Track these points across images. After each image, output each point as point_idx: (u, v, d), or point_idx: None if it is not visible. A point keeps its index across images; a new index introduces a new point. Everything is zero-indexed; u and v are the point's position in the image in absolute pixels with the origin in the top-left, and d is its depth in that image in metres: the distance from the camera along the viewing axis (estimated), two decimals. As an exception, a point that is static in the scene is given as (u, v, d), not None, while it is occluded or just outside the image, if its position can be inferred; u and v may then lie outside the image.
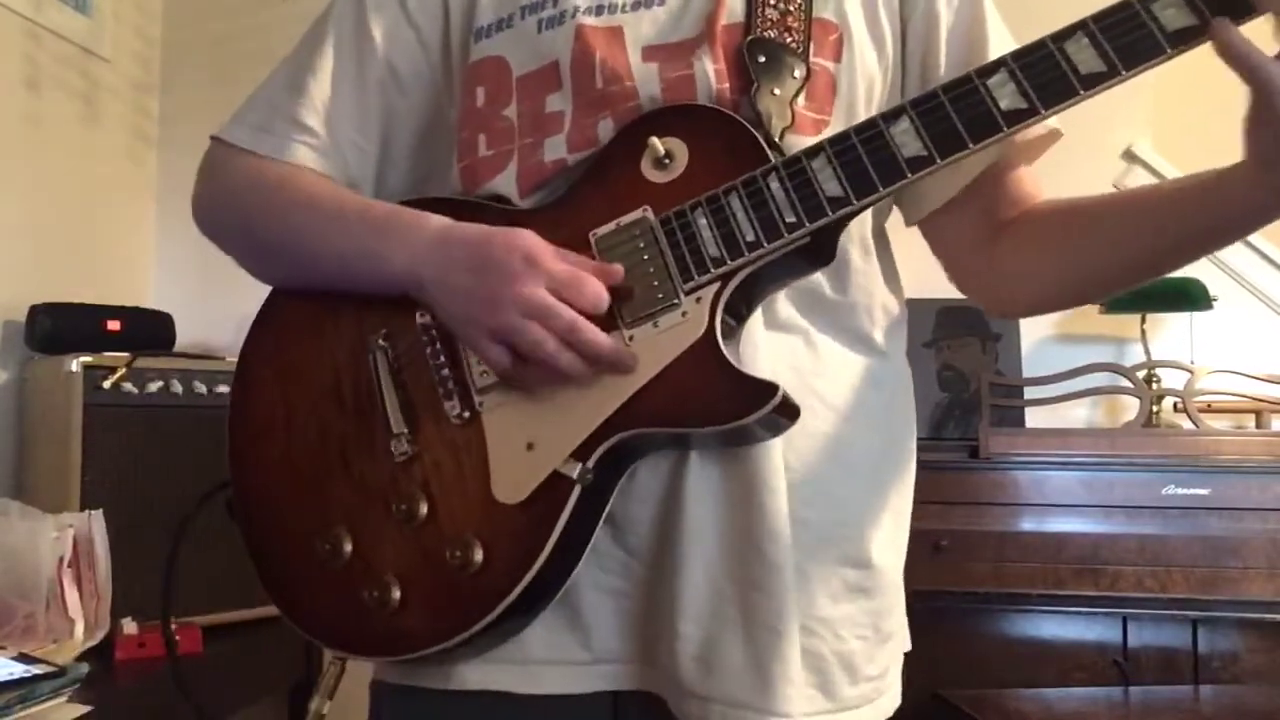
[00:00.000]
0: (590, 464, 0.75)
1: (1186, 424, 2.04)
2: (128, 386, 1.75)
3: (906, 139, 0.73)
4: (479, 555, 0.77)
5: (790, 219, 0.74)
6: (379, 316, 0.83)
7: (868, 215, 0.86)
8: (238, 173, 0.92)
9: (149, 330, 2.00)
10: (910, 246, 0.98)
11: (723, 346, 0.74)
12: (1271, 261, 2.32)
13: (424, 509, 0.80)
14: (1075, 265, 0.87)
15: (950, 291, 0.98)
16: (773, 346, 0.81)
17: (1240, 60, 0.68)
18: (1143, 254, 0.83)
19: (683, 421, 0.75)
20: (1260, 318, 2.31)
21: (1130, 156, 2.32)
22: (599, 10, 0.84)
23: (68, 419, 1.70)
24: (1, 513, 1.51)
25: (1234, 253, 2.31)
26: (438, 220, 0.82)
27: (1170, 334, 2.28)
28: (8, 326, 1.95)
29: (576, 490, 0.75)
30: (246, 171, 0.91)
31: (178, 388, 1.80)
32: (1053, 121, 0.84)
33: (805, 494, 0.81)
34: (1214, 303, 2.14)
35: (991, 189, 0.89)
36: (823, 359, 0.84)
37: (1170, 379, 2.09)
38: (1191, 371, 2.06)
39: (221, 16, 2.47)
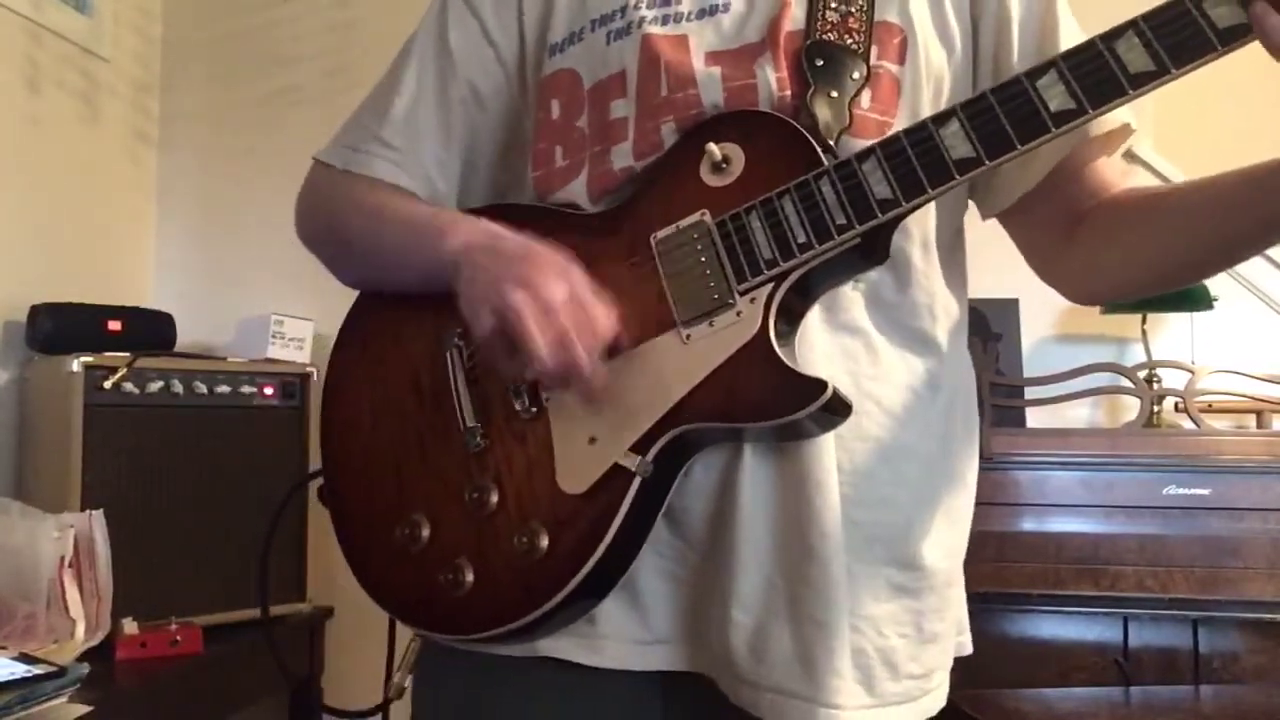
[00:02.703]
0: (650, 457, 0.79)
1: (1187, 424, 2.04)
2: (128, 386, 1.75)
3: (956, 141, 0.74)
4: (544, 542, 0.81)
5: (840, 220, 0.76)
6: (455, 318, 0.86)
7: (929, 215, 0.87)
8: (328, 188, 0.99)
9: (149, 330, 2.00)
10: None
11: (775, 345, 0.77)
12: (1272, 261, 2.31)
13: (494, 498, 0.84)
14: (1147, 255, 0.87)
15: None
16: (831, 349, 0.83)
17: None
18: (1207, 244, 0.84)
19: (736, 416, 0.78)
20: (1261, 318, 2.31)
21: (1130, 156, 2.31)
22: (665, 20, 0.88)
23: (68, 419, 1.71)
24: (2, 513, 1.52)
25: (1234, 252, 2.31)
26: (491, 225, 0.86)
27: (1171, 334, 2.28)
28: (8, 326, 1.95)
29: (636, 482, 0.79)
30: (334, 187, 0.98)
31: (178, 388, 1.81)
32: (1126, 115, 0.85)
33: (856, 495, 0.83)
34: (1215, 303, 2.14)
35: (1069, 181, 0.90)
36: (881, 363, 0.85)
37: (1171, 379, 2.09)
38: (1192, 371, 2.06)
39: (221, 16, 2.47)
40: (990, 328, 2.24)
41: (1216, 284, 2.17)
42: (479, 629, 0.83)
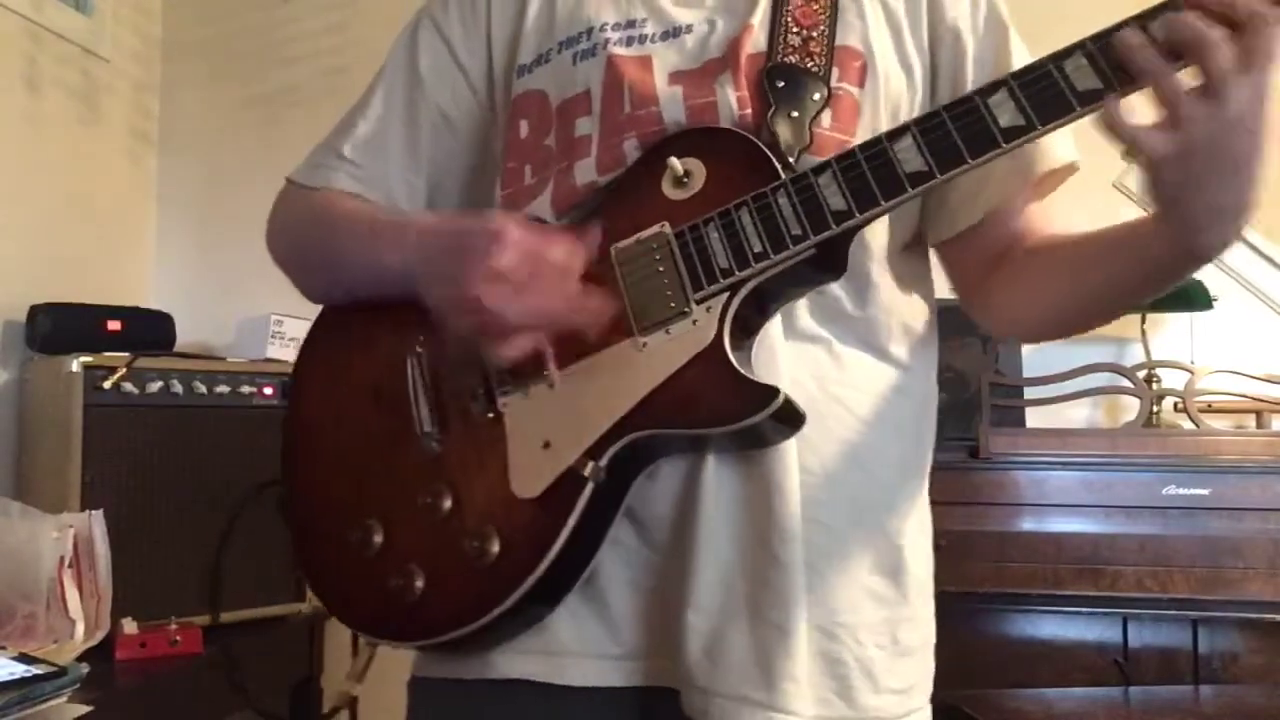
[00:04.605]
0: (603, 462, 0.79)
1: (1187, 424, 2.04)
2: (128, 386, 1.75)
3: (909, 155, 0.76)
4: (496, 547, 0.81)
5: (796, 231, 0.78)
6: (417, 325, 0.87)
7: (883, 229, 0.88)
8: (293, 205, 1.02)
9: (149, 330, 2.00)
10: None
11: (730, 353, 0.78)
12: (1272, 261, 2.31)
13: (448, 503, 0.85)
14: (1049, 300, 0.90)
15: (950, 291, 0.99)
16: (794, 356, 0.84)
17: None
18: (1096, 294, 0.87)
19: (689, 423, 0.79)
20: (1260, 318, 2.31)
21: (1131, 155, 2.31)
22: (629, 42, 0.90)
23: (68, 419, 1.70)
24: (1, 513, 1.51)
25: (1234, 252, 2.31)
26: (421, 217, 0.87)
27: (1170, 334, 2.28)
28: (8, 326, 1.95)
29: (589, 487, 0.79)
30: (297, 203, 1.01)
31: (178, 388, 1.81)
32: (1073, 153, 0.89)
33: (825, 498, 0.83)
34: (1214, 303, 2.13)
35: (999, 224, 0.92)
36: (847, 368, 0.86)
37: (1171, 379, 2.09)
38: (1192, 371, 2.06)
39: (221, 16, 2.47)
40: (990, 328, 2.23)
41: (1216, 284, 2.17)
42: (427, 635, 0.84)
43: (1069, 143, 0.90)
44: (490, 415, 0.85)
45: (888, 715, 0.85)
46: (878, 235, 0.88)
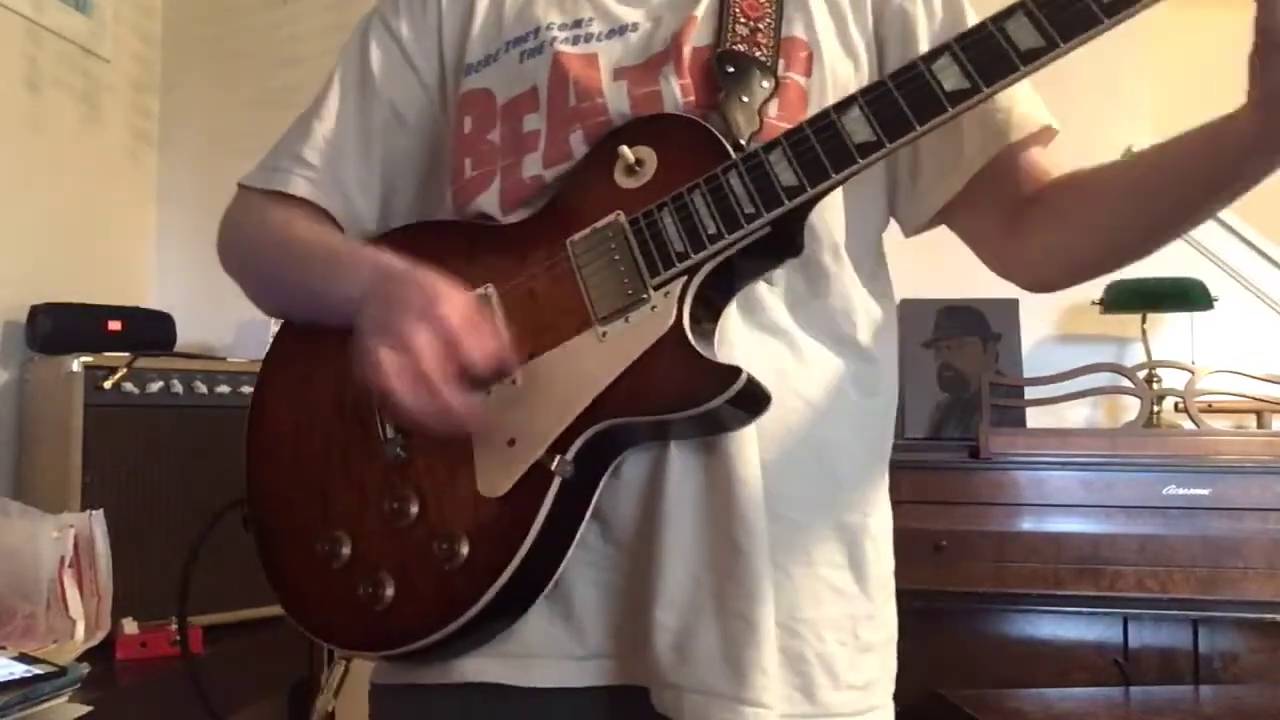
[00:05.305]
0: (569, 456, 0.78)
1: (1187, 424, 2.04)
2: (128, 386, 1.75)
3: (856, 126, 0.76)
4: (464, 549, 0.80)
5: (749, 210, 0.78)
6: None
7: (836, 221, 0.88)
8: (246, 212, 1.02)
9: (149, 330, 2.00)
10: (910, 248, 0.98)
11: (690, 337, 0.77)
12: (1272, 261, 2.32)
13: (415, 508, 0.83)
14: (1098, 230, 0.88)
15: (950, 291, 0.98)
16: (753, 347, 0.83)
17: None
18: (1159, 210, 0.84)
19: (653, 409, 0.78)
20: (1260, 318, 2.31)
21: (1130, 155, 2.32)
22: (576, 40, 0.90)
23: (68, 419, 1.70)
24: (1, 513, 1.51)
25: (1234, 252, 2.32)
26: (383, 263, 0.86)
27: (1171, 334, 2.28)
28: (8, 326, 1.95)
29: (556, 482, 0.78)
30: (250, 214, 1.01)
31: (178, 388, 1.81)
32: (1046, 116, 0.88)
33: (787, 492, 0.83)
34: (1214, 303, 2.14)
35: (1004, 175, 0.90)
36: (807, 361, 0.86)
37: (1171, 379, 2.09)
38: (1192, 371, 2.06)
39: (221, 16, 2.48)
40: (990, 328, 2.24)
41: (1217, 284, 2.17)
42: (399, 643, 0.82)
43: (1039, 106, 0.90)
44: None
45: (848, 711, 0.85)
46: (835, 226, 0.88)
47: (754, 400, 0.77)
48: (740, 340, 0.83)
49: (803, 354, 0.86)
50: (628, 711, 0.83)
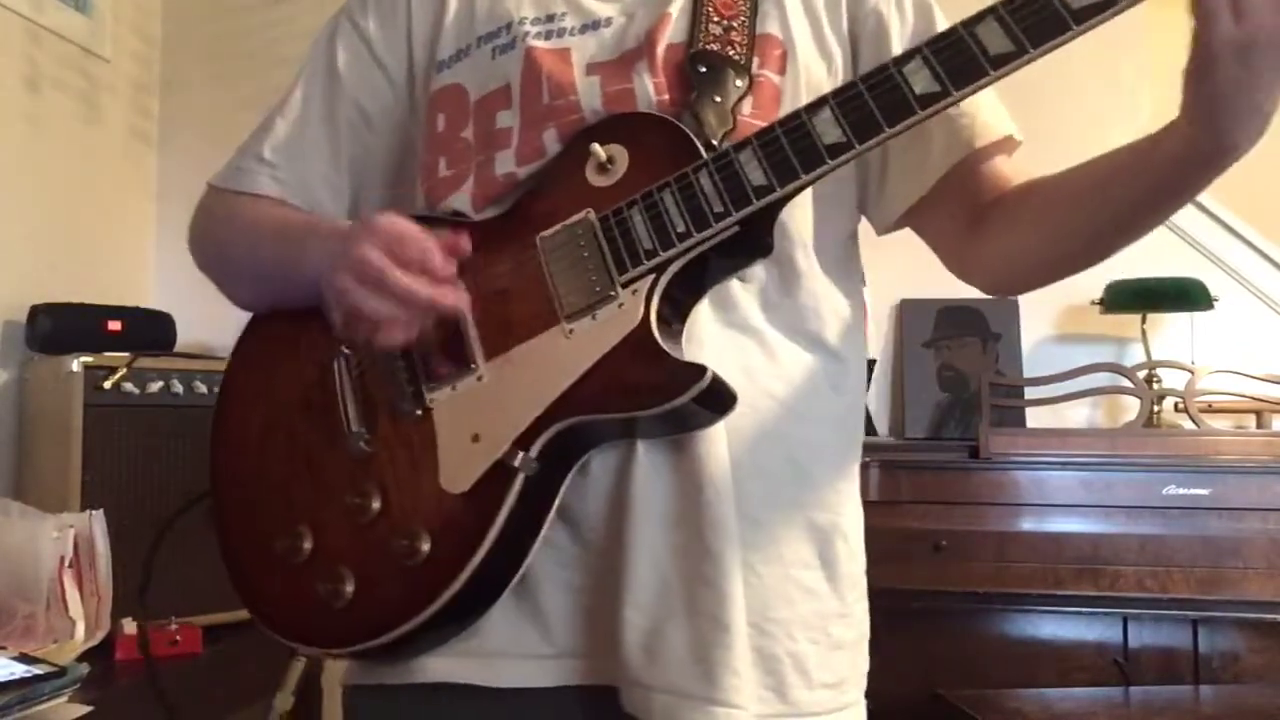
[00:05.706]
0: (533, 452, 0.78)
1: (1187, 424, 2.04)
2: (128, 386, 1.75)
3: (827, 127, 0.76)
4: (425, 545, 0.80)
5: (718, 209, 0.78)
6: None
7: (807, 219, 0.88)
8: (213, 212, 1.02)
9: (149, 330, 2.00)
10: (910, 248, 0.98)
11: (657, 335, 0.78)
12: (1272, 261, 2.32)
13: (377, 504, 0.83)
14: (1047, 237, 0.89)
15: (950, 291, 0.98)
16: (723, 345, 0.83)
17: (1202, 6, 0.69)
18: (1099, 220, 0.84)
19: (619, 407, 0.78)
20: (1260, 318, 2.31)
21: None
22: (549, 35, 0.91)
23: (68, 419, 1.70)
24: (1, 513, 1.51)
25: (1235, 253, 2.32)
26: (342, 228, 0.86)
27: (1171, 334, 2.28)
28: (8, 326, 1.95)
29: (520, 479, 0.78)
30: (218, 208, 1.01)
31: (178, 388, 1.81)
32: (1008, 127, 0.90)
33: (757, 492, 0.83)
34: (1214, 303, 2.14)
35: (967, 180, 0.91)
36: (778, 360, 0.86)
37: (1171, 379, 2.09)
38: (1192, 371, 2.06)
39: (221, 16, 2.47)
40: (990, 328, 2.24)
41: (1216, 284, 2.17)
42: (357, 640, 0.81)
43: (1003, 116, 0.90)
44: (419, 412, 0.84)
45: (821, 710, 0.85)
46: (805, 224, 0.88)
47: (720, 399, 0.77)
48: (711, 338, 0.83)
49: (773, 352, 0.86)
50: (597, 711, 0.83)
